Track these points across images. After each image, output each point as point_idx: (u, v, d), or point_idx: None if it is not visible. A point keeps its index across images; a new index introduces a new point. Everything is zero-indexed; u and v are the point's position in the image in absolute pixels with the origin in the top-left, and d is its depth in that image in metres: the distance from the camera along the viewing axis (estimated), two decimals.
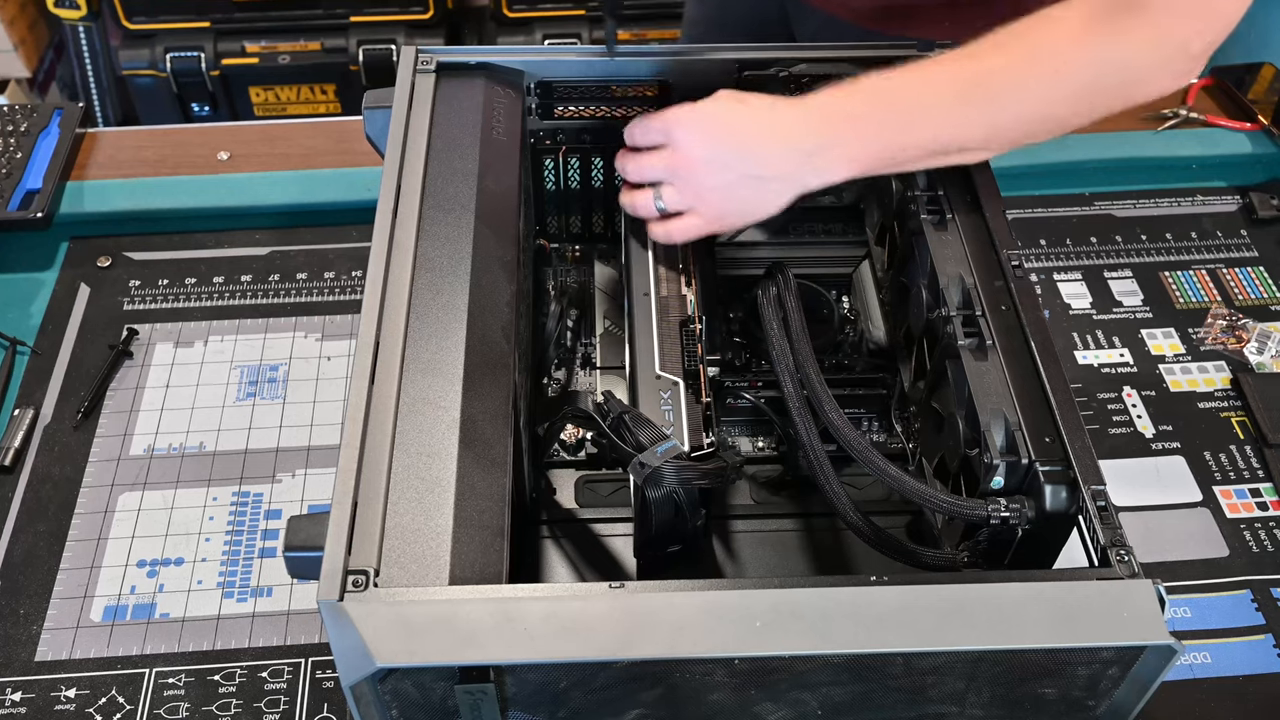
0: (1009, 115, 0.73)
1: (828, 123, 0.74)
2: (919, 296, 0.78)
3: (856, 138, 0.74)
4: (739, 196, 0.76)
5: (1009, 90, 0.72)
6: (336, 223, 1.06)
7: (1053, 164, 1.10)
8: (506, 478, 0.64)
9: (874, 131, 0.74)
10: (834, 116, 0.74)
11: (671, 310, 0.76)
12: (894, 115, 0.73)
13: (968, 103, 0.73)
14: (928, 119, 0.73)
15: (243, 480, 0.88)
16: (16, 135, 1.09)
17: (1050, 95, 0.73)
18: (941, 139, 0.74)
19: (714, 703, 0.59)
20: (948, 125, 0.73)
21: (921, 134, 0.73)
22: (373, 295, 0.69)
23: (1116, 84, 0.72)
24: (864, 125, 0.74)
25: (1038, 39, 0.72)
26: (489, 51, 0.87)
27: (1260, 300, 1.01)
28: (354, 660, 0.54)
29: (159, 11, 1.99)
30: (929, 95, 0.73)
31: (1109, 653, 0.56)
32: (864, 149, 0.74)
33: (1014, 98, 0.73)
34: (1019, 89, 0.72)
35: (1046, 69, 0.72)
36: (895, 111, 0.73)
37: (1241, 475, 0.88)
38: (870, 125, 0.74)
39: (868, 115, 0.74)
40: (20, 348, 0.96)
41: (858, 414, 0.85)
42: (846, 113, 0.74)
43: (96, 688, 0.76)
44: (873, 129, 0.74)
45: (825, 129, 0.74)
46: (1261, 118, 1.13)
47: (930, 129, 0.73)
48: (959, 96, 0.73)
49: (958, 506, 0.65)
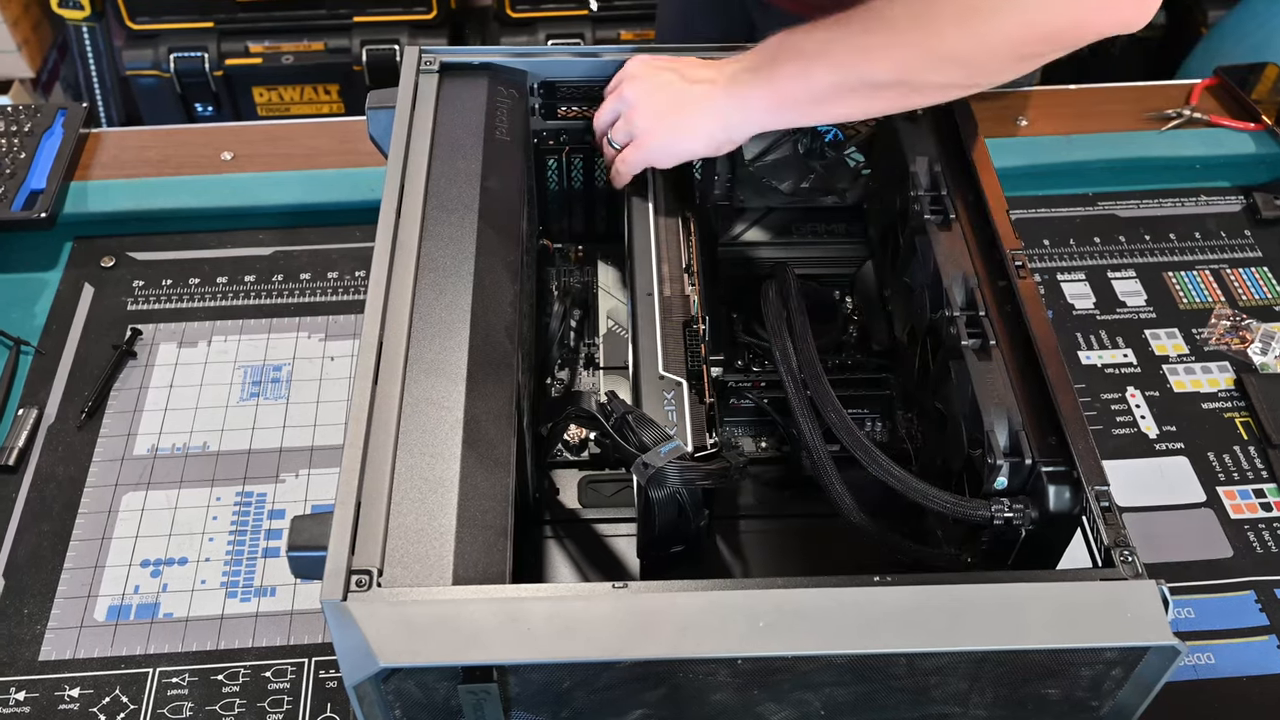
0: (917, 48, 0.73)
1: (746, 66, 0.80)
2: (922, 296, 0.78)
3: (768, 75, 0.78)
4: (669, 123, 0.81)
5: (911, 21, 0.73)
6: (340, 223, 1.06)
7: (1056, 164, 1.10)
8: (510, 478, 0.64)
9: (784, 69, 0.77)
10: (751, 59, 0.80)
11: (675, 310, 0.76)
12: (799, 54, 0.77)
13: (869, 33, 0.74)
14: (829, 53, 0.75)
15: (246, 480, 0.88)
16: (20, 135, 1.09)
17: (961, 28, 0.72)
18: (845, 71, 0.75)
19: (717, 703, 0.59)
20: (849, 57, 0.75)
21: (824, 67, 0.75)
22: (376, 295, 0.69)
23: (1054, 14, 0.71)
24: (775, 65, 0.78)
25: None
26: (492, 52, 0.87)
27: (1264, 301, 1.01)
28: (357, 660, 0.54)
29: (162, 12, 1.99)
30: (834, 31, 0.75)
31: (1112, 653, 0.56)
32: (774, 84, 0.78)
33: (920, 30, 0.73)
34: (921, 20, 0.73)
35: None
36: (800, 51, 0.77)
37: (1245, 476, 0.88)
38: (779, 65, 0.78)
39: (774, 57, 0.78)
40: (24, 348, 0.96)
41: (861, 414, 0.85)
42: (761, 62, 0.79)
43: (100, 687, 0.76)
44: (781, 67, 0.77)
45: (743, 70, 0.80)
46: (1265, 118, 1.13)
47: (832, 62, 0.75)
48: (863, 30, 0.74)
49: (961, 507, 0.65)
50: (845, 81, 0.75)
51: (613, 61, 0.87)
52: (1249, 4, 1.67)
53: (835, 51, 0.75)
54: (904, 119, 0.85)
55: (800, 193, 0.92)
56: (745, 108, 0.79)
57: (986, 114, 1.11)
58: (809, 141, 0.89)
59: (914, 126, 0.85)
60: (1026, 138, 1.12)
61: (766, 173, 0.90)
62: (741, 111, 0.79)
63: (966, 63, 0.73)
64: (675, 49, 0.87)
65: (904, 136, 0.84)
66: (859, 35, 0.74)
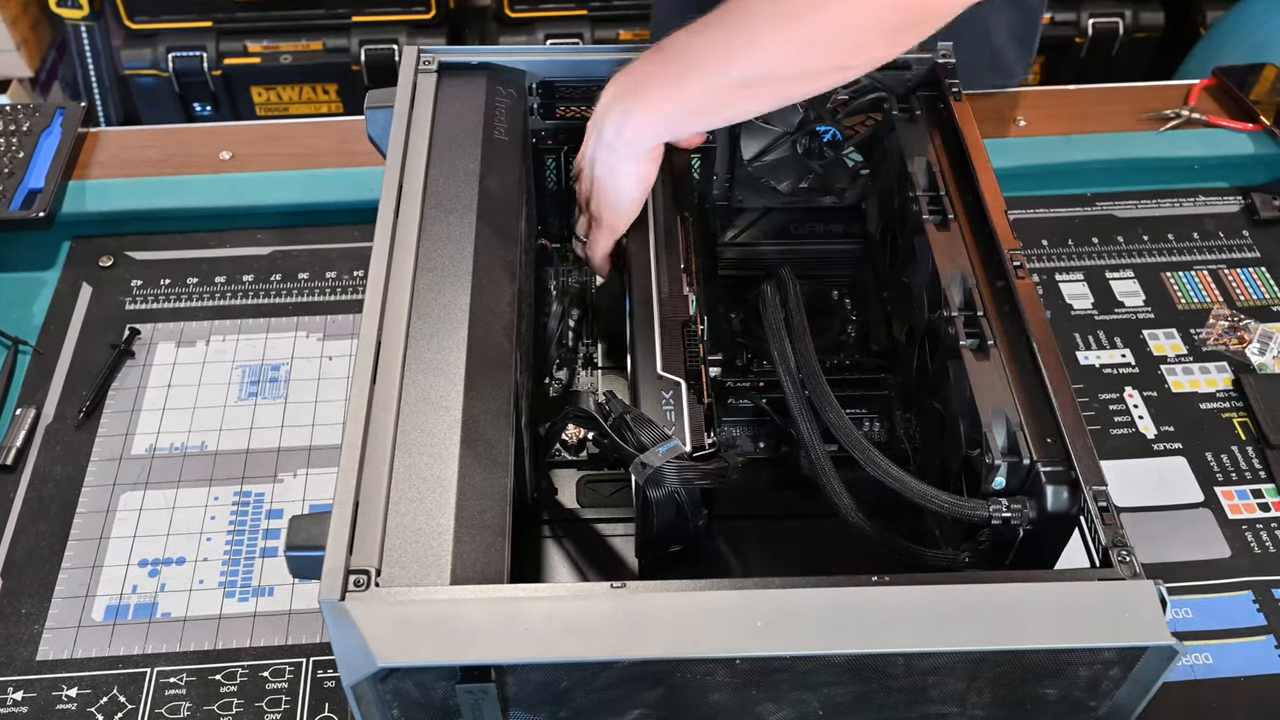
0: (776, 37, 0.71)
1: (632, 80, 0.77)
2: (921, 297, 0.78)
3: (662, 87, 0.75)
4: (606, 187, 0.79)
5: (767, 11, 0.71)
6: (338, 222, 1.06)
7: (1054, 165, 1.10)
8: (508, 477, 0.64)
9: (672, 76, 0.75)
10: (637, 75, 0.76)
11: (673, 310, 0.76)
12: (669, 62, 0.75)
13: (728, 29, 0.72)
14: (693, 59, 0.74)
15: (244, 480, 0.88)
16: (19, 135, 1.09)
17: (816, 12, 0.71)
18: (712, 75, 0.73)
19: (715, 703, 0.59)
20: (713, 60, 0.73)
21: (694, 74, 0.74)
22: (374, 295, 0.69)
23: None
24: (662, 76, 0.75)
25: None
26: (491, 51, 0.87)
27: (1262, 301, 1.01)
28: (355, 660, 0.54)
29: (161, 11, 1.99)
30: (696, 36, 0.73)
31: (1110, 653, 0.56)
32: (668, 95, 0.75)
33: (775, 19, 0.71)
34: (776, 9, 0.71)
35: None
36: (667, 60, 0.75)
37: (1243, 476, 0.88)
38: (669, 72, 0.75)
39: (662, 66, 0.75)
40: (22, 347, 0.96)
41: (859, 414, 0.85)
42: (645, 72, 0.76)
43: (98, 687, 0.76)
44: (671, 74, 0.75)
45: (631, 87, 0.76)
46: (1264, 118, 1.13)
47: (699, 68, 0.74)
48: (721, 27, 0.72)
49: (959, 507, 0.65)
50: (714, 85, 0.73)
51: (611, 61, 0.87)
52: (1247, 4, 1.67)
53: (698, 55, 0.73)
54: (903, 119, 0.85)
55: (799, 193, 0.92)
56: (636, 130, 0.77)
57: (985, 114, 1.11)
58: (807, 141, 0.89)
59: (913, 126, 0.85)
60: (1025, 138, 1.12)
61: (765, 173, 0.91)
62: (634, 128, 0.77)
63: (829, 46, 0.71)
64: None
65: (902, 136, 0.84)
66: (718, 34, 0.72)
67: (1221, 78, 1.18)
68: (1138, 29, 2.05)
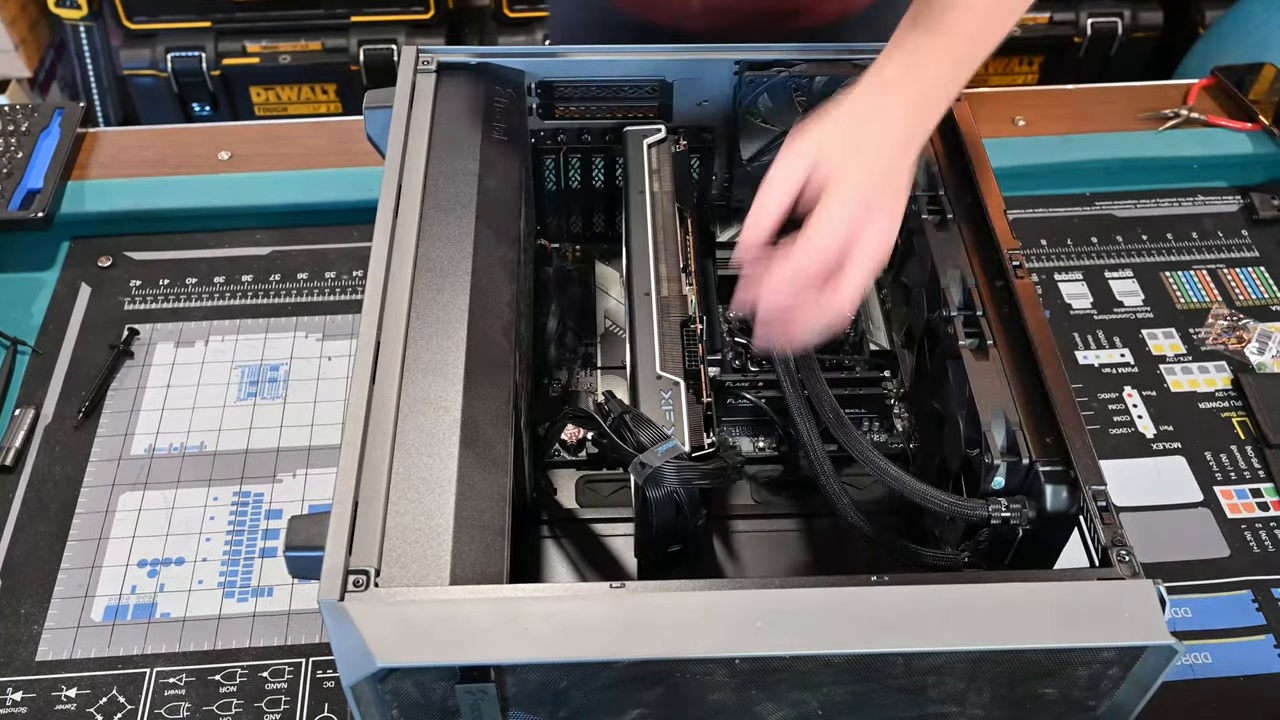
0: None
1: (913, 102, 0.71)
2: (920, 296, 0.78)
3: (935, 102, 0.72)
4: (888, 233, 0.68)
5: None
6: (337, 223, 1.06)
7: (1053, 164, 1.10)
8: (507, 478, 0.64)
9: (945, 85, 0.72)
10: (915, 93, 0.71)
11: (672, 310, 0.76)
12: (960, 68, 0.72)
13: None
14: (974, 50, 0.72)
15: (243, 480, 0.88)
16: (17, 135, 1.09)
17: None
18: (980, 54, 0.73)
19: (715, 702, 0.59)
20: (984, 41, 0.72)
21: (976, 59, 0.73)
22: (374, 295, 0.69)
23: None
24: (939, 86, 0.72)
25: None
26: (490, 52, 0.87)
27: (1261, 300, 1.01)
28: (355, 660, 0.54)
29: (160, 11, 1.99)
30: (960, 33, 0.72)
31: (1110, 653, 0.56)
32: (940, 103, 0.72)
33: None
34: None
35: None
36: (961, 65, 0.72)
37: (1242, 475, 0.88)
38: (942, 81, 0.72)
39: (936, 73, 0.72)
40: (21, 347, 0.96)
41: (858, 414, 0.85)
42: (919, 85, 0.71)
43: (97, 687, 0.76)
44: (944, 85, 0.72)
45: (915, 110, 0.71)
46: (1262, 118, 1.13)
47: (982, 48, 0.73)
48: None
49: (958, 506, 0.65)
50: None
51: (611, 61, 0.87)
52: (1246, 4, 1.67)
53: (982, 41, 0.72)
54: None
55: None
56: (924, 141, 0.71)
57: (984, 114, 1.11)
58: None
59: None
60: (1024, 138, 1.12)
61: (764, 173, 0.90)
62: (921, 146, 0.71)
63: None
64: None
65: None
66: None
67: (1220, 77, 1.18)
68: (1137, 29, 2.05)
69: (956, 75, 0.72)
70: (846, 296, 0.65)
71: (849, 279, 0.65)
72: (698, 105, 0.89)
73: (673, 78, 0.87)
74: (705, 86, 0.87)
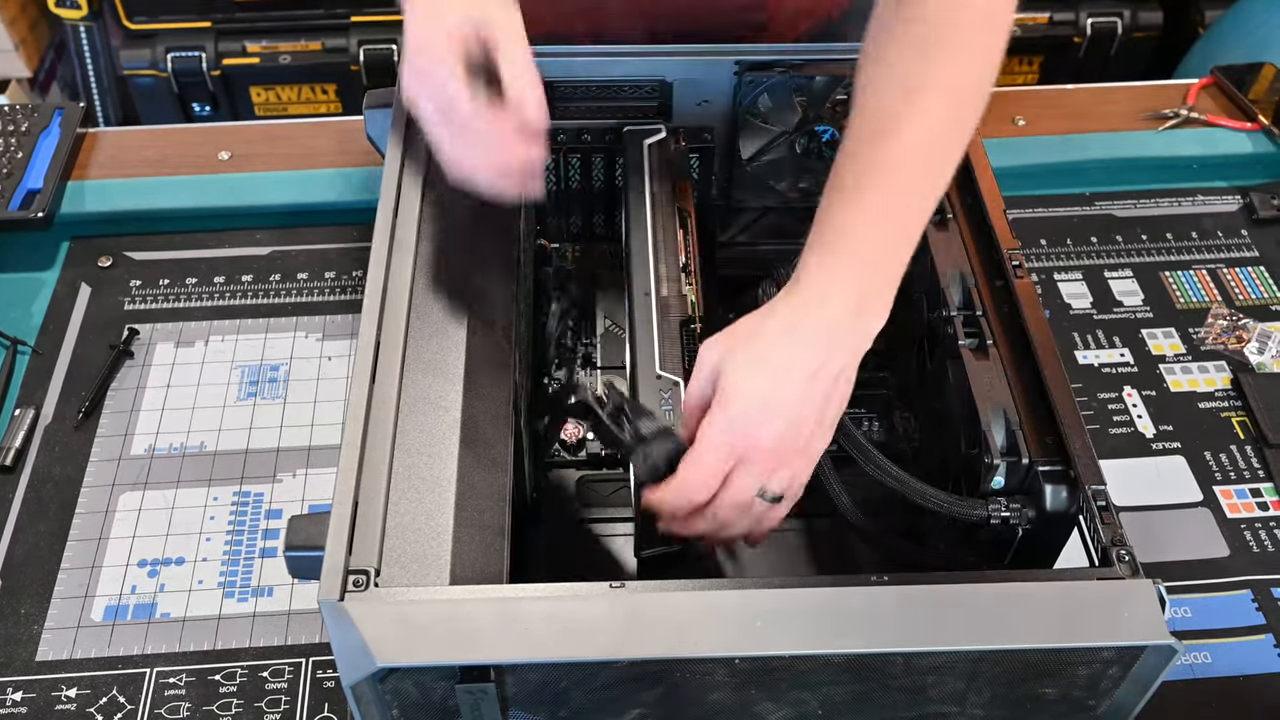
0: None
1: (853, 287, 0.62)
2: (920, 296, 0.78)
3: (882, 278, 0.63)
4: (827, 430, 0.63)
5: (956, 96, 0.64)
6: (337, 223, 1.06)
7: (1053, 164, 1.10)
8: (507, 477, 0.64)
9: (889, 255, 0.63)
10: (852, 278, 0.63)
11: (672, 310, 0.76)
12: (898, 232, 0.63)
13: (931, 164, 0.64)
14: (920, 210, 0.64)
15: (243, 480, 0.88)
16: (17, 135, 1.09)
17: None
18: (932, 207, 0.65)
19: (714, 702, 0.59)
20: (932, 194, 0.64)
21: (922, 221, 0.64)
22: (373, 295, 0.69)
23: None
24: (884, 261, 0.63)
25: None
26: None
27: (1261, 300, 1.01)
28: (355, 660, 0.54)
29: (160, 11, 1.98)
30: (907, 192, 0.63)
31: (1109, 652, 0.56)
32: (890, 281, 0.63)
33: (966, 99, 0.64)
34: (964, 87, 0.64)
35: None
36: (898, 227, 0.63)
37: (1242, 475, 0.88)
38: (885, 253, 0.63)
39: (876, 250, 0.63)
40: (21, 347, 0.96)
41: (858, 414, 0.85)
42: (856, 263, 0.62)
43: (97, 687, 0.76)
44: (886, 255, 0.63)
45: (856, 295, 0.62)
46: (1262, 117, 1.13)
47: (926, 208, 0.64)
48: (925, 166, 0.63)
49: (958, 506, 0.65)
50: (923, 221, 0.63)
51: (611, 61, 0.87)
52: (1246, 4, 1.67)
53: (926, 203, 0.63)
54: None
55: (798, 192, 0.92)
56: (872, 330, 0.63)
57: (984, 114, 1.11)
58: (806, 141, 0.89)
59: None
60: (1024, 137, 1.12)
61: (764, 173, 0.91)
62: (869, 336, 0.63)
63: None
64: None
65: None
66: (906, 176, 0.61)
67: (1220, 77, 1.18)
68: (1136, 28, 2.05)
69: (900, 243, 0.62)
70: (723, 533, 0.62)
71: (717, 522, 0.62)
72: (698, 105, 0.89)
73: (673, 78, 0.87)
74: (705, 86, 0.87)
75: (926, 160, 0.63)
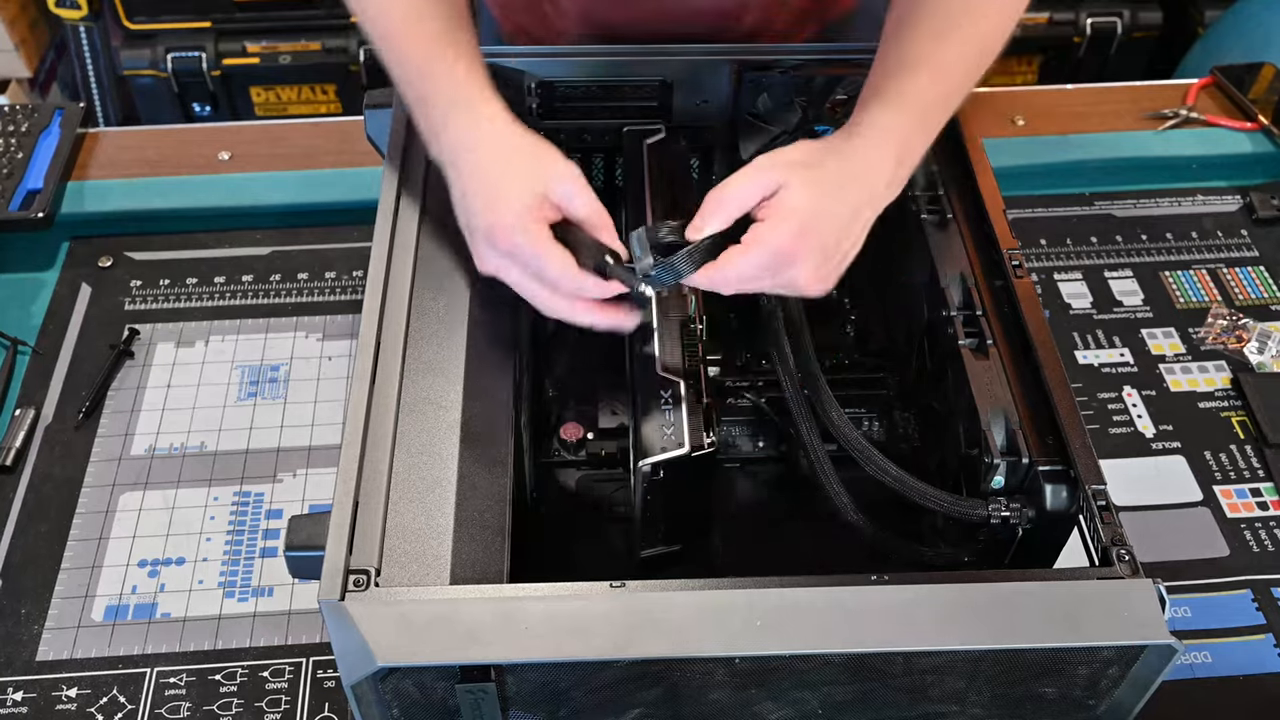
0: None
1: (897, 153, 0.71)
2: (919, 296, 0.78)
3: (921, 138, 0.72)
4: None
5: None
6: (337, 223, 1.06)
7: (1053, 164, 1.10)
8: (507, 477, 0.64)
9: (933, 122, 0.73)
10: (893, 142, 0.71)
11: (672, 309, 0.76)
12: (936, 112, 0.73)
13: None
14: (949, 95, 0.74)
15: (244, 480, 0.88)
16: (17, 135, 1.09)
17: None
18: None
19: (715, 702, 0.59)
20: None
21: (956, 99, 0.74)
22: (374, 295, 0.69)
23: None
24: (929, 125, 0.73)
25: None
26: (490, 52, 0.87)
27: (1260, 300, 1.01)
28: (355, 659, 0.54)
29: (160, 12, 1.98)
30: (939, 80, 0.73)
31: (1109, 652, 0.57)
32: (926, 143, 0.73)
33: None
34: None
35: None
36: (938, 108, 0.73)
37: (1242, 475, 0.88)
38: (931, 120, 0.73)
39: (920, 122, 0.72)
40: (21, 348, 0.96)
41: (858, 413, 0.85)
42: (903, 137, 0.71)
43: (98, 687, 0.76)
44: (931, 121, 0.73)
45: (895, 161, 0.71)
46: (1262, 117, 1.13)
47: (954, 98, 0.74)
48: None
49: (958, 506, 0.65)
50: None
51: (609, 61, 0.87)
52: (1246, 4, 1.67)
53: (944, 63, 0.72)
54: None
55: None
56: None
57: (984, 113, 1.11)
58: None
59: None
60: (1023, 137, 1.12)
61: None
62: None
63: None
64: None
65: None
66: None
67: (1220, 77, 1.18)
68: (1136, 28, 2.05)
69: (934, 119, 0.73)
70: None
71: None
72: (698, 105, 0.89)
73: (673, 78, 0.87)
74: (705, 86, 0.87)
75: (968, 66, 0.74)
